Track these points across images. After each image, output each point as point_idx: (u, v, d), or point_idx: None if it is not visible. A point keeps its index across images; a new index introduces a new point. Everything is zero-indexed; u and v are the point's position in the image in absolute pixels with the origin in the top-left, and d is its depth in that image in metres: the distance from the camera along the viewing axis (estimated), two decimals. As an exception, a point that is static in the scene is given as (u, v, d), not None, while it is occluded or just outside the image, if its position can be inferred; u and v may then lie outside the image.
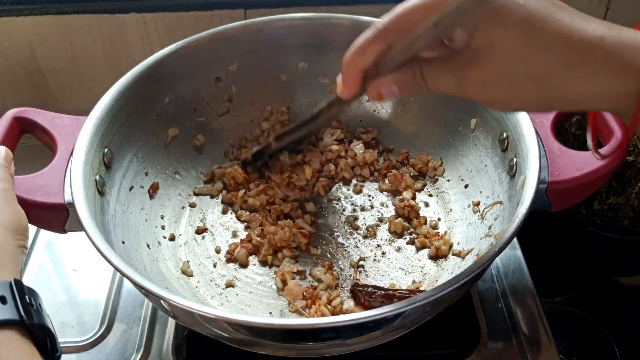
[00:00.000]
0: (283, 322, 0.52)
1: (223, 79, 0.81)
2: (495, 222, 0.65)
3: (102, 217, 0.61)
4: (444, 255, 0.69)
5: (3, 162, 0.57)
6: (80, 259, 0.76)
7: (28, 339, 0.44)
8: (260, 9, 0.88)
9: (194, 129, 0.80)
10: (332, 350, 0.58)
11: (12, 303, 0.44)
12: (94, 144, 0.64)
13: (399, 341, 0.59)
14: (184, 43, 0.75)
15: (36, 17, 0.86)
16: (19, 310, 0.44)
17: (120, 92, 0.69)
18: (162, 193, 0.75)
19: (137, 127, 0.72)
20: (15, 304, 0.44)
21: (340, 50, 0.80)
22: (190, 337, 0.67)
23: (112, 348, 0.67)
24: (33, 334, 0.45)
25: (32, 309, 0.45)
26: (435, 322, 0.58)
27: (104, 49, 0.91)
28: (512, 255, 0.76)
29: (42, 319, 0.46)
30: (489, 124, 0.70)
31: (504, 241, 0.53)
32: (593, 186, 0.63)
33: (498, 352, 0.65)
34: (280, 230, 0.70)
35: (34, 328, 0.45)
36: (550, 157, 0.62)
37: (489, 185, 0.70)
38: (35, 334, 0.45)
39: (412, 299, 0.50)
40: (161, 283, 0.64)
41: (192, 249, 0.72)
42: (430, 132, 0.80)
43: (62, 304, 0.71)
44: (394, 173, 0.78)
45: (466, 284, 0.52)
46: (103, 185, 0.64)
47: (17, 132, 0.65)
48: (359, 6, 0.86)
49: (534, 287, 0.72)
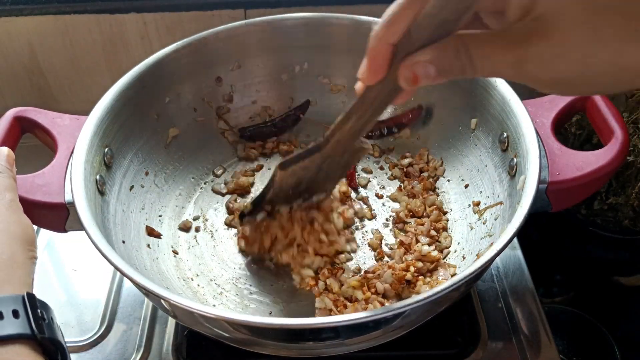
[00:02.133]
0: (283, 322, 0.52)
1: (223, 79, 0.81)
2: (496, 222, 0.65)
3: (103, 217, 0.61)
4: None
5: (5, 164, 0.55)
6: (80, 258, 0.76)
7: (39, 353, 0.44)
8: (260, 9, 0.88)
9: (195, 128, 0.80)
10: (332, 350, 0.58)
11: (24, 317, 0.43)
12: (94, 143, 0.64)
13: (399, 341, 0.59)
14: (184, 43, 0.75)
15: (36, 17, 0.86)
16: (30, 325, 0.43)
17: (121, 92, 0.69)
18: (163, 193, 0.75)
19: (137, 126, 0.72)
20: (27, 318, 0.43)
21: (340, 50, 0.82)
22: (190, 337, 0.67)
23: (112, 348, 0.67)
24: (44, 347, 0.44)
25: (43, 323, 0.44)
26: (435, 322, 0.58)
27: (104, 49, 0.91)
28: (512, 255, 0.76)
29: (53, 333, 0.45)
30: (490, 124, 0.70)
31: (504, 241, 0.53)
32: (593, 186, 0.63)
33: (498, 352, 0.65)
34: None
35: (46, 342, 0.44)
36: (550, 157, 0.62)
37: (489, 185, 0.70)
38: (47, 347, 0.44)
39: (412, 299, 0.50)
40: (161, 283, 0.64)
41: (192, 248, 0.72)
42: (430, 132, 0.80)
43: (62, 304, 0.71)
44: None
45: (466, 284, 0.52)
46: (103, 185, 0.64)
47: (17, 132, 0.65)
48: (359, 6, 0.86)
49: (534, 287, 0.72)
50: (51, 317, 0.46)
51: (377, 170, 0.82)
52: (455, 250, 0.70)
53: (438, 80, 0.41)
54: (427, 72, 0.40)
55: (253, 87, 0.83)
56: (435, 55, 0.40)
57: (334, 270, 0.66)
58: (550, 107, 0.66)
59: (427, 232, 0.71)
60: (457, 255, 0.69)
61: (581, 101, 0.66)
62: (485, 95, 0.69)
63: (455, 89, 0.75)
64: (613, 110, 0.63)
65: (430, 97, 0.78)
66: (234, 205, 0.76)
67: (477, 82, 0.71)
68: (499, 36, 0.39)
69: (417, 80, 0.41)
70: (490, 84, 0.68)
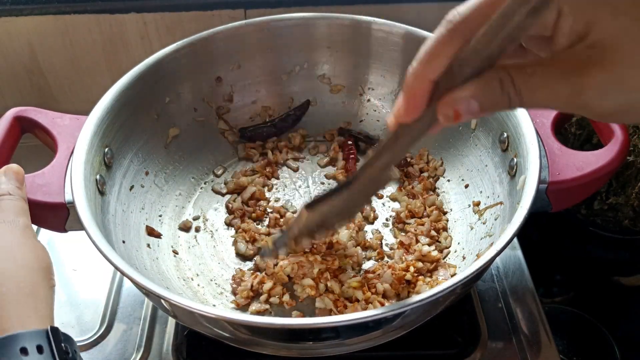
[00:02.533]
0: (283, 322, 0.52)
1: (223, 79, 0.81)
2: (496, 222, 0.65)
3: (103, 217, 0.61)
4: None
5: (16, 183, 0.54)
6: (80, 258, 0.76)
7: None
8: (260, 9, 0.88)
9: (195, 128, 0.80)
10: (332, 350, 0.58)
11: (48, 352, 0.43)
12: (94, 143, 0.64)
13: (399, 341, 0.59)
14: (184, 43, 0.75)
15: (36, 17, 0.86)
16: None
17: (121, 92, 0.69)
18: (163, 193, 0.75)
19: (137, 126, 0.72)
20: (51, 354, 0.43)
21: (340, 50, 0.82)
22: (190, 337, 0.67)
23: (112, 348, 0.67)
24: None
25: (68, 357, 0.44)
26: (435, 322, 0.58)
27: (104, 49, 0.91)
28: (512, 255, 0.76)
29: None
30: (490, 124, 0.70)
31: (504, 241, 0.53)
32: (593, 186, 0.63)
33: (498, 352, 0.65)
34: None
35: None
36: (550, 157, 0.62)
37: (489, 185, 0.70)
38: None
39: (412, 299, 0.49)
40: (161, 283, 0.64)
41: (192, 248, 0.72)
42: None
43: (62, 304, 0.71)
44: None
45: (466, 284, 0.52)
46: (103, 185, 0.64)
47: (17, 132, 0.65)
48: (359, 6, 0.86)
49: (534, 287, 0.72)
50: (75, 349, 0.46)
51: (378, 170, 0.82)
52: (455, 250, 0.70)
53: (481, 115, 0.38)
54: (469, 109, 0.37)
55: (253, 87, 0.83)
56: (479, 91, 0.37)
57: (336, 272, 0.66)
58: (550, 107, 0.66)
59: (427, 232, 0.71)
60: (457, 255, 0.69)
61: (581, 101, 0.66)
62: (485, 95, 0.69)
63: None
64: (613, 110, 0.63)
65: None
66: (234, 205, 0.76)
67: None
68: (549, 66, 0.36)
69: (459, 117, 0.38)
70: (490, 84, 0.68)
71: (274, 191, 0.80)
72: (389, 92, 0.83)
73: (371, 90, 0.84)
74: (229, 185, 0.79)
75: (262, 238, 0.72)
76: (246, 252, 0.71)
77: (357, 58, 0.82)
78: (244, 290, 0.65)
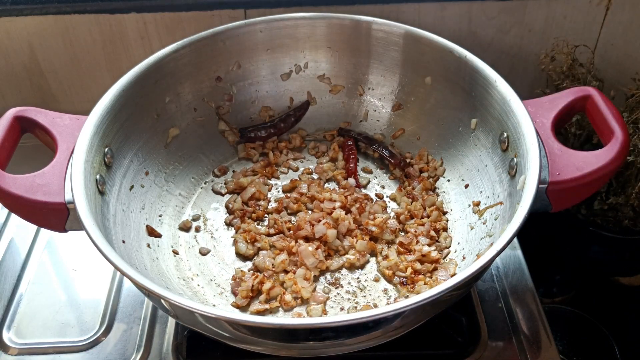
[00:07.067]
0: (283, 322, 0.51)
1: (223, 78, 0.81)
2: (496, 222, 0.65)
3: (103, 217, 0.61)
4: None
5: None
6: (80, 258, 0.76)
7: None
8: (260, 9, 0.88)
9: (195, 128, 0.80)
10: (332, 349, 0.58)
11: None
12: (94, 143, 0.64)
13: (399, 341, 0.59)
14: (184, 43, 0.75)
15: (36, 17, 0.86)
16: None
17: (121, 92, 0.69)
18: (163, 193, 0.75)
19: (137, 126, 0.72)
20: None
21: (340, 50, 0.82)
22: (190, 337, 0.67)
23: (112, 348, 0.67)
24: None
25: None
26: (435, 322, 0.58)
27: (104, 49, 0.90)
28: (512, 255, 0.76)
29: None
30: (490, 124, 0.70)
31: (504, 241, 0.53)
32: (593, 186, 0.63)
33: (498, 352, 0.65)
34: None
35: None
36: (550, 157, 0.62)
37: (489, 185, 0.70)
38: None
39: (412, 299, 0.49)
40: (161, 283, 0.64)
41: (192, 248, 0.72)
42: (430, 132, 0.80)
43: (62, 304, 0.71)
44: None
45: (466, 284, 0.52)
46: (103, 185, 0.64)
47: (17, 132, 0.65)
48: (359, 6, 0.86)
49: (534, 287, 0.72)
50: None
51: (377, 170, 0.82)
52: (455, 250, 0.70)
53: None
54: None
55: (253, 87, 0.83)
56: None
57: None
58: (550, 107, 0.66)
59: (427, 233, 0.71)
60: (457, 255, 0.69)
61: (581, 101, 0.66)
62: (485, 95, 0.69)
63: (455, 89, 0.75)
64: (613, 110, 0.63)
65: (430, 97, 0.79)
66: (234, 205, 0.76)
67: (476, 82, 0.71)
68: None
69: None
70: (490, 83, 0.68)
71: (274, 191, 0.80)
72: (389, 92, 0.83)
73: (371, 90, 0.84)
74: (229, 185, 0.79)
75: (262, 238, 0.72)
76: (246, 252, 0.71)
77: (357, 58, 0.82)
78: (244, 290, 0.66)
